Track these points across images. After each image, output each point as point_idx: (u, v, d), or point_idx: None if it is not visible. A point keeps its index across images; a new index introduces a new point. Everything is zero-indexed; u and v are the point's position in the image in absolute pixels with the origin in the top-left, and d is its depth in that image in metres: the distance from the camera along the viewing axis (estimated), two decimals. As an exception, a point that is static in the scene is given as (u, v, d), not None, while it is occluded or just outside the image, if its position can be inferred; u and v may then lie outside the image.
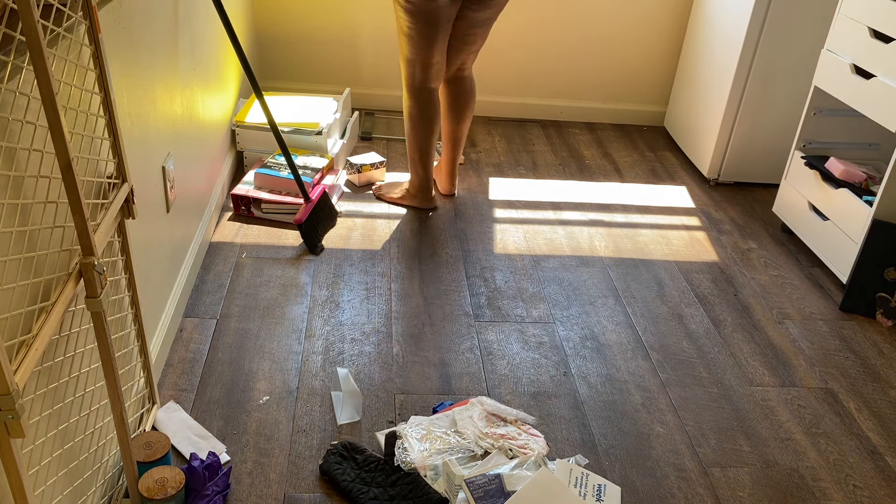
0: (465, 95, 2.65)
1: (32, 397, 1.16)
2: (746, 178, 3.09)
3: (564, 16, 3.37)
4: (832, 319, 2.32)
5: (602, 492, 1.63)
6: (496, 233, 2.63)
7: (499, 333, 2.13)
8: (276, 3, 3.28)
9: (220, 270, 2.29)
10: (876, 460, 1.82)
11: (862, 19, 2.34)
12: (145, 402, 1.71)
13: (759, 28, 2.77)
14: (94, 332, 1.31)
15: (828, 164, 2.56)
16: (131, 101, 1.63)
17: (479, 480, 1.58)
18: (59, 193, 1.25)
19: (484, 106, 3.55)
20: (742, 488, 1.71)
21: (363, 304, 2.20)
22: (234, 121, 2.78)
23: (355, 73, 3.45)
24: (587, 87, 3.55)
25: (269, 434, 1.74)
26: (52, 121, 1.07)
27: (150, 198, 1.79)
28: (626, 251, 2.58)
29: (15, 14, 1.00)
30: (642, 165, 3.22)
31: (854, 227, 2.35)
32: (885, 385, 2.06)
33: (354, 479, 1.61)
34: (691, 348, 2.14)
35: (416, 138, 2.58)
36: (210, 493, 1.52)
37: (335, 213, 2.62)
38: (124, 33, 1.59)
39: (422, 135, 2.57)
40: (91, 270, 1.21)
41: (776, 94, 2.90)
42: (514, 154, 3.23)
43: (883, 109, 2.23)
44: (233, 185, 2.76)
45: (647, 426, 1.86)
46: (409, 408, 1.85)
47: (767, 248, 2.68)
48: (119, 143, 1.40)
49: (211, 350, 1.98)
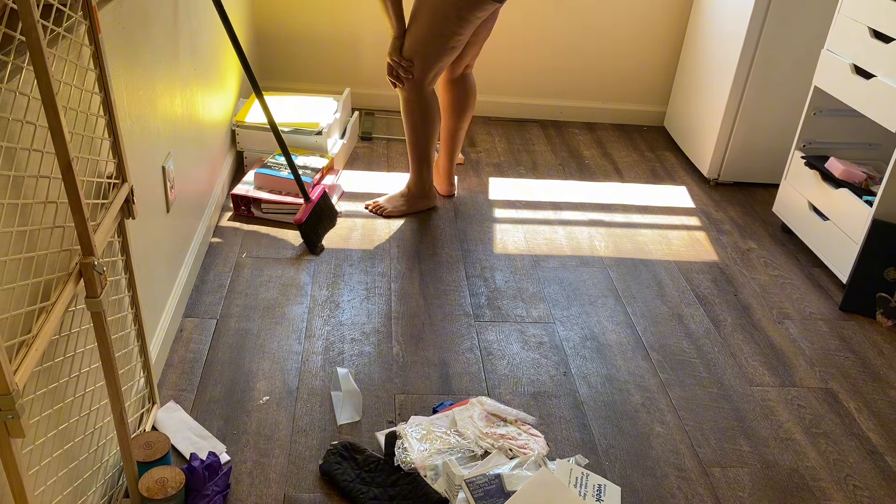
0: (469, 94, 2.64)
1: (32, 397, 1.16)
2: (746, 178, 3.09)
3: (564, 16, 3.37)
4: (832, 319, 2.32)
5: (602, 492, 1.63)
6: (496, 233, 2.63)
7: (499, 333, 2.13)
8: (276, 3, 3.28)
9: (220, 270, 2.30)
10: (876, 460, 1.82)
11: (862, 19, 2.34)
12: (145, 402, 1.71)
13: (759, 28, 2.77)
14: (94, 332, 1.31)
15: (828, 164, 2.56)
16: (131, 101, 1.63)
17: (479, 480, 1.58)
18: (59, 193, 1.25)
19: (484, 106, 3.55)
20: (742, 488, 1.71)
21: (363, 304, 2.20)
22: (234, 121, 2.78)
23: (355, 73, 3.45)
24: (587, 87, 3.55)
25: (269, 434, 1.74)
26: (52, 121, 1.07)
27: (150, 198, 1.79)
28: (626, 251, 2.58)
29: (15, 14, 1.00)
30: (642, 165, 3.22)
31: (854, 227, 2.35)
32: (885, 385, 2.06)
33: (354, 479, 1.61)
34: (691, 348, 2.14)
35: (425, 138, 2.57)
36: (210, 493, 1.52)
37: (335, 213, 2.62)
38: (124, 33, 1.59)
39: (430, 135, 2.56)
40: (91, 270, 1.21)
41: (776, 94, 2.90)
42: (514, 154, 3.23)
43: (883, 109, 2.23)
44: (233, 185, 2.76)
45: (647, 426, 1.86)
46: (409, 408, 1.85)
47: (767, 248, 2.68)
48: (119, 143, 1.40)
49: (211, 350, 1.98)
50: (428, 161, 2.62)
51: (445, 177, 2.80)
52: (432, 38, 2.37)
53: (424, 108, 2.51)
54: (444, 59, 2.42)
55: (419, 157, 2.61)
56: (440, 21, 2.33)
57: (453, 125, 2.69)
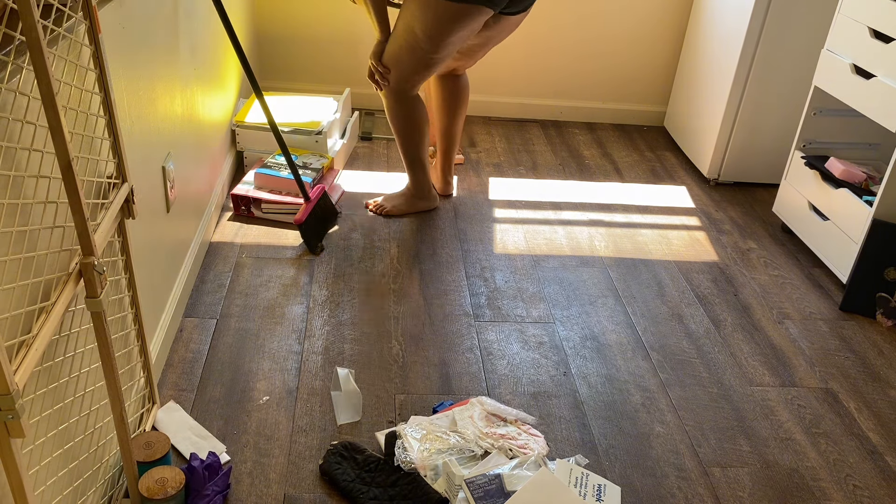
0: (462, 92, 2.62)
1: (32, 397, 1.16)
2: (746, 178, 3.09)
3: (564, 16, 3.37)
4: (832, 319, 2.32)
5: (602, 492, 1.63)
6: (496, 233, 2.63)
7: (499, 333, 2.13)
8: (276, 3, 3.28)
9: (220, 270, 2.30)
10: (876, 460, 1.82)
11: (862, 19, 2.34)
12: (145, 402, 1.71)
13: (759, 28, 2.77)
14: (94, 332, 1.31)
15: (828, 164, 2.56)
16: (131, 101, 1.63)
17: (479, 480, 1.58)
18: (59, 193, 1.25)
19: (484, 106, 3.55)
20: (742, 488, 1.71)
21: (363, 304, 2.20)
22: (234, 121, 2.78)
23: (355, 73, 3.45)
24: (587, 87, 3.55)
25: (269, 434, 1.74)
26: (52, 121, 1.07)
27: (150, 198, 1.79)
28: (626, 251, 2.58)
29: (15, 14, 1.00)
30: (642, 165, 3.22)
31: (854, 227, 2.35)
32: (885, 385, 2.06)
33: (354, 479, 1.61)
34: (691, 348, 2.14)
35: (412, 141, 2.51)
36: (210, 493, 1.52)
37: (335, 213, 2.62)
38: (124, 33, 1.59)
39: (418, 139, 2.51)
40: (91, 270, 1.21)
41: (776, 94, 2.90)
42: (514, 154, 3.23)
43: (883, 109, 2.23)
44: (233, 185, 2.76)
45: (647, 426, 1.86)
46: (409, 408, 1.85)
47: (767, 248, 2.68)
48: (119, 143, 1.40)
49: (211, 350, 1.98)
50: (421, 164, 2.59)
51: (442, 176, 2.79)
52: (407, 52, 2.29)
53: (407, 112, 2.44)
54: (422, 73, 2.34)
55: (411, 161, 2.58)
56: (412, 40, 2.25)
57: (446, 124, 2.66)
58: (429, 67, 2.33)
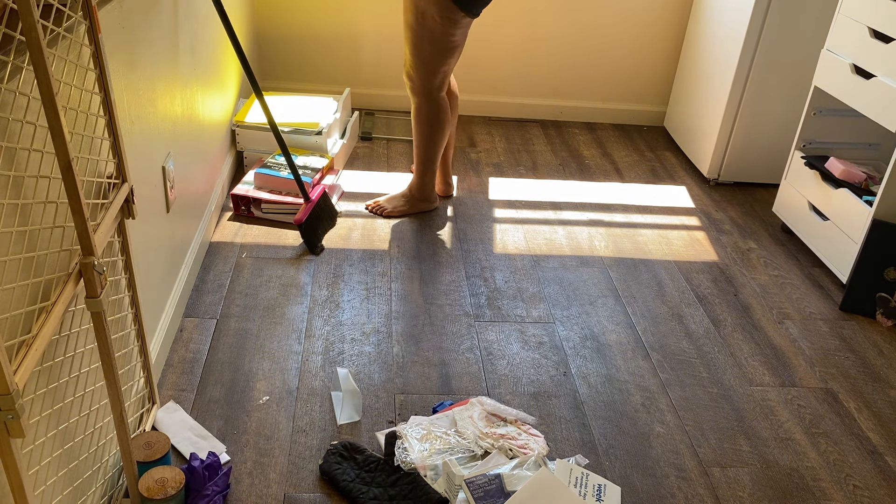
0: (455, 94, 2.68)
1: (32, 397, 1.16)
2: (746, 178, 3.09)
3: (565, 16, 3.37)
4: (832, 319, 2.32)
5: (602, 492, 1.63)
6: (496, 233, 2.63)
7: (499, 333, 2.13)
8: (276, 3, 3.28)
9: (220, 270, 2.30)
10: (876, 460, 1.82)
11: (862, 19, 2.34)
12: (145, 402, 1.71)
13: (759, 28, 2.77)
14: (94, 332, 1.31)
15: (828, 164, 2.56)
16: (131, 101, 1.63)
17: (479, 480, 1.58)
18: (59, 193, 1.25)
19: (484, 106, 3.55)
20: (742, 488, 1.71)
21: (363, 304, 2.20)
22: (234, 121, 2.78)
23: (355, 73, 3.45)
24: (587, 87, 3.55)
25: (269, 434, 1.74)
26: (52, 121, 1.07)
27: (150, 198, 1.79)
28: (625, 251, 2.58)
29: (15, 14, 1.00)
30: (642, 165, 3.22)
31: (854, 227, 2.35)
32: (885, 385, 2.06)
33: (354, 479, 1.61)
34: (691, 348, 2.14)
35: (434, 144, 2.56)
36: (210, 493, 1.52)
37: (335, 213, 2.62)
38: (124, 33, 1.59)
39: (439, 140, 2.56)
40: (91, 270, 1.21)
41: (776, 94, 2.90)
42: (514, 154, 3.23)
43: (883, 109, 2.23)
44: (233, 185, 2.76)
45: (647, 426, 1.86)
46: (409, 408, 1.85)
47: (767, 248, 2.68)
48: (119, 143, 1.40)
49: (211, 350, 1.98)
50: (433, 166, 2.62)
51: (443, 178, 2.80)
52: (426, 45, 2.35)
53: (436, 114, 2.51)
54: (447, 60, 2.40)
55: (425, 162, 2.60)
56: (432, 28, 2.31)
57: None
58: (452, 52, 2.39)
